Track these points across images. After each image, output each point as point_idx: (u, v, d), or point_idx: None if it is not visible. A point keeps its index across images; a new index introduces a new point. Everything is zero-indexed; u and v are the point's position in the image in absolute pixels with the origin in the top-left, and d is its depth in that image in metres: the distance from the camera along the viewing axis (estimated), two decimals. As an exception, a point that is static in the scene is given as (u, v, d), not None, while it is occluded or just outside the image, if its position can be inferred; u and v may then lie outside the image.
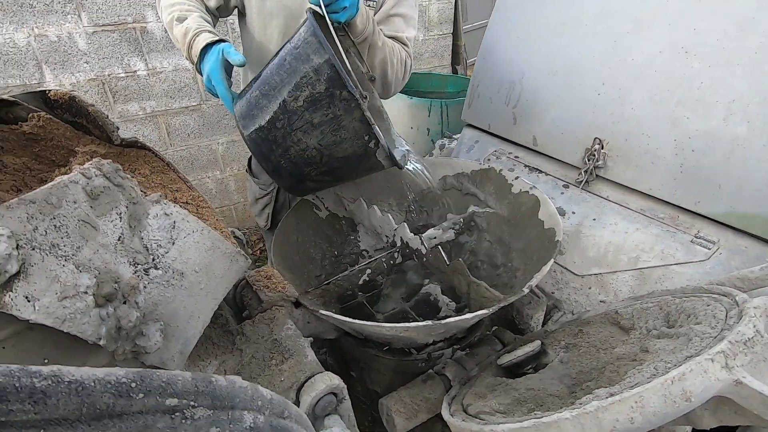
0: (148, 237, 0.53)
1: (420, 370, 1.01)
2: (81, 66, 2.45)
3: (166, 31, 2.56)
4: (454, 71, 3.69)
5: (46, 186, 0.44)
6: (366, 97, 0.94)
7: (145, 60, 2.58)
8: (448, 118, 2.54)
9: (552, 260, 0.91)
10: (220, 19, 1.52)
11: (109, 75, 2.52)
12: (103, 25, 2.41)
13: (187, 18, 1.21)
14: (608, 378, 0.64)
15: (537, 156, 1.75)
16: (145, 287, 0.52)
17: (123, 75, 2.55)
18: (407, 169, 1.14)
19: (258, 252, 3.10)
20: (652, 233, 1.34)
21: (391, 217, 1.17)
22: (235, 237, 1.17)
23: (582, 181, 1.56)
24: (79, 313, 0.44)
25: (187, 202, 0.87)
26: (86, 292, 0.44)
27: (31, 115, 0.78)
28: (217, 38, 1.18)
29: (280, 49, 1.04)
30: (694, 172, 1.29)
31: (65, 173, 0.80)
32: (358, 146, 0.98)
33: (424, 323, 0.81)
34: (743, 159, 1.21)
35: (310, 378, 0.74)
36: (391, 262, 1.15)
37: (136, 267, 0.51)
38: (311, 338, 0.84)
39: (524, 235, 1.13)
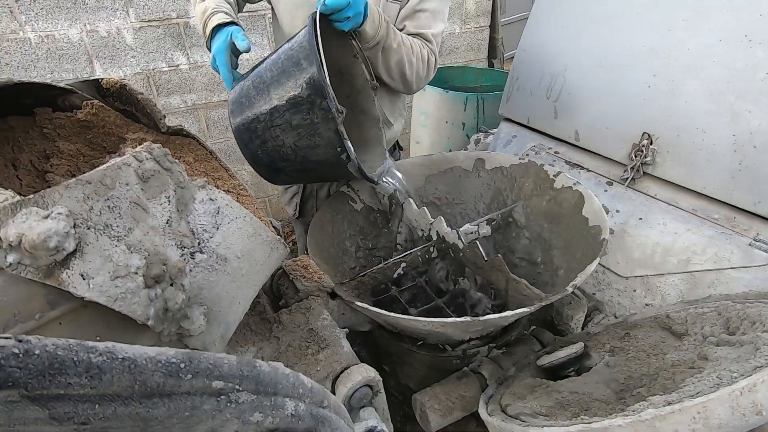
0: (194, 221, 0.54)
1: (455, 367, 0.99)
2: (128, 60, 2.55)
3: (207, 26, 2.64)
4: (491, 65, 3.61)
5: (101, 167, 0.45)
6: (343, 112, 0.97)
7: (187, 54, 2.66)
8: (484, 113, 2.49)
9: (597, 259, 0.87)
10: (250, 5, 1.54)
11: (153, 69, 2.61)
12: (149, 21, 2.50)
13: None
14: (662, 385, 0.60)
15: (579, 151, 1.68)
16: (190, 270, 0.53)
17: (166, 69, 2.64)
18: (381, 182, 1.16)
19: (291, 243, 3.15)
20: (705, 235, 1.26)
21: (427, 210, 1.15)
22: (272, 226, 1.18)
23: (627, 179, 1.48)
24: (129, 293, 0.45)
25: (228, 191, 0.88)
26: (136, 273, 0.45)
27: (85, 102, 0.81)
28: (229, 20, 1.21)
29: (280, 46, 1.07)
30: (755, 170, 1.20)
31: (115, 160, 0.83)
32: (330, 155, 1.02)
33: (462, 319, 0.78)
34: (813, 156, 1.11)
35: (346, 369, 0.73)
36: (426, 256, 1.13)
37: (183, 250, 0.52)
38: (346, 329, 0.83)
39: (566, 233, 1.09)
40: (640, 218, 1.39)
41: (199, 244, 0.54)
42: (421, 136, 2.66)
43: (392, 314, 0.83)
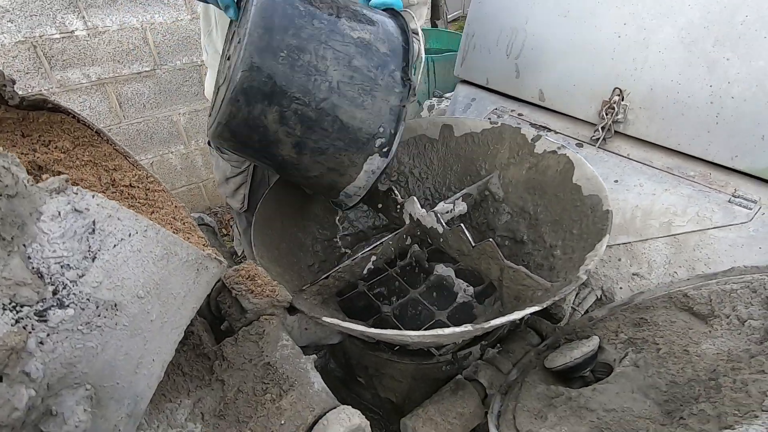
0: (41, 254, 0.31)
1: (444, 374, 0.84)
2: (4, 25, 2.05)
3: (105, -18, 2.17)
4: (434, 26, 3.40)
5: None
6: (416, 95, 0.76)
7: (83, 18, 2.19)
8: (435, 76, 2.30)
9: (607, 236, 0.73)
10: None
11: (41, 36, 2.13)
12: (25, -25, 2.00)
13: None
14: (734, 400, 0.47)
15: (544, 112, 1.55)
16: (42, 344, 0.30)
17: (58, 36, 2.16)
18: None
19: (232, 239, 2.83)
20: (684, 194, 1.18)
21: (395, 189, 0.96)
22: (203, 225, 0.93)
23: (599, 139, 1.37)
24: None
25: (130, 185, 0.63)
26: None
27: None
28: None
29: None
30: (733, 123, 1.13)
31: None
32: (365, 127, 0.77)
33: (462, 329, 0.61)
34: (794, 104, 1.04)
35: (320, 417, 0.54)
36: (400, 244, 0.94)
37: (18, 312, 0.29)
38: (315, 356, 0.63)
39: (555, 205, 0.94)
40: (616, 181, 1.29)
41: (55, 293, 0.31)
42: (369, 104, 2.43)
43: (373, 330, 0.64)
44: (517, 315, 0.63)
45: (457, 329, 0.62)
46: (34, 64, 2.16)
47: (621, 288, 1.13)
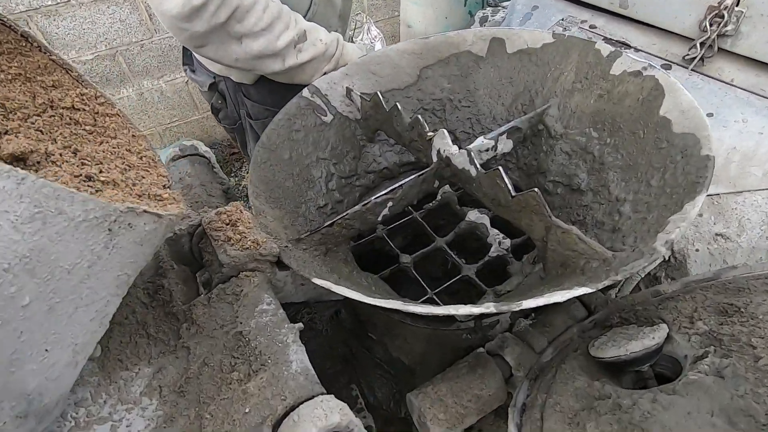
0: None
1: (464, 343, 0.71)
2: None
3: None
4: None
5: None
6: None
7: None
8: (491, -20, 1.92)
9: (704, 193, 0.52)
10: None
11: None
12: None
13: (305, 30, 0.96)
14: None
15: (625, 24, 1.22)
16: None
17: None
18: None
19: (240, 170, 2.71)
20: (805, 135, 0.90)
21: (421, 119, 0.77)
22: (195, 156, 0.81)
23: (694, 59, 1.06)
24: None
25: (73, 107, 0.49)
26: None
27: None
28: None
29: None
30: None
31: None
32: None
33: (482, 309, 0.46)
34: None
35: (293, 408, 0.43)
36: (424, 187, 0.77)
37: None
38: (300, 325, 0.52)
39: (630, 145, 0.72)
40: (710, 114, 1.00)
41: None
42: (413, 17, 2.11)
43: (371, 299, 0.51)
44: (558, 298, 0.46)
45: (475, 309, 0.47)
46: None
47: (698, 250, 0.91)
